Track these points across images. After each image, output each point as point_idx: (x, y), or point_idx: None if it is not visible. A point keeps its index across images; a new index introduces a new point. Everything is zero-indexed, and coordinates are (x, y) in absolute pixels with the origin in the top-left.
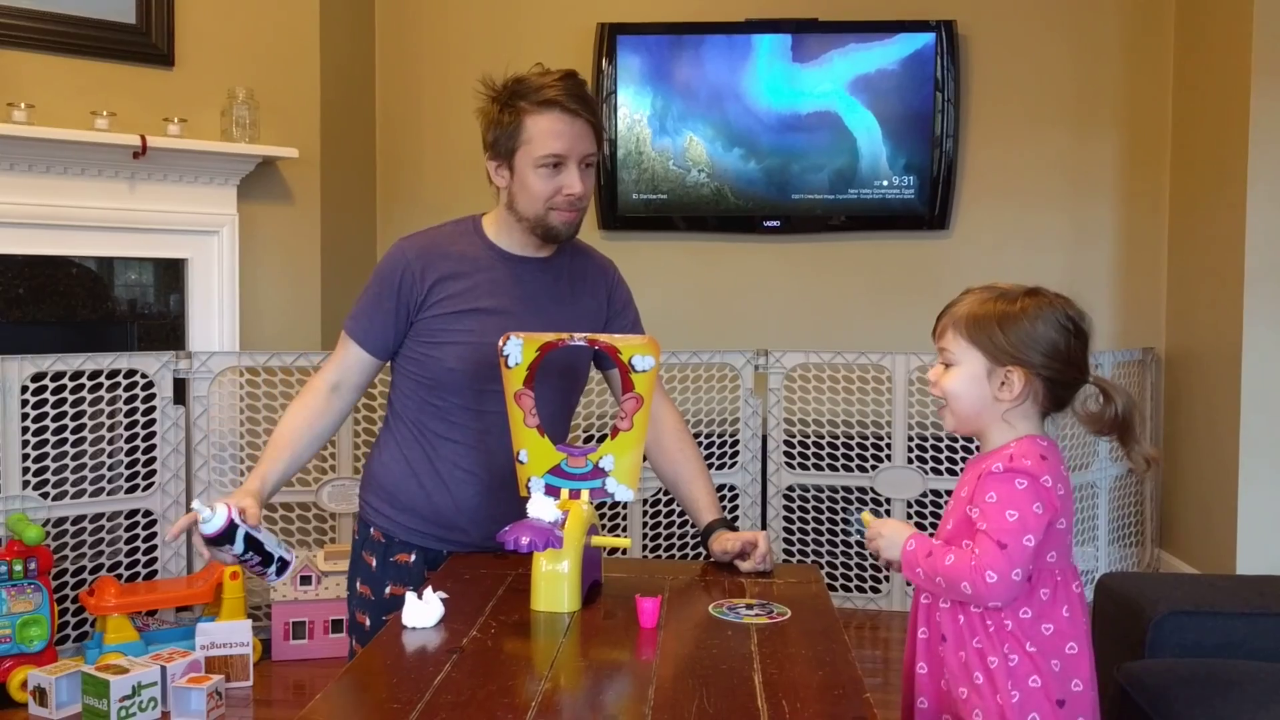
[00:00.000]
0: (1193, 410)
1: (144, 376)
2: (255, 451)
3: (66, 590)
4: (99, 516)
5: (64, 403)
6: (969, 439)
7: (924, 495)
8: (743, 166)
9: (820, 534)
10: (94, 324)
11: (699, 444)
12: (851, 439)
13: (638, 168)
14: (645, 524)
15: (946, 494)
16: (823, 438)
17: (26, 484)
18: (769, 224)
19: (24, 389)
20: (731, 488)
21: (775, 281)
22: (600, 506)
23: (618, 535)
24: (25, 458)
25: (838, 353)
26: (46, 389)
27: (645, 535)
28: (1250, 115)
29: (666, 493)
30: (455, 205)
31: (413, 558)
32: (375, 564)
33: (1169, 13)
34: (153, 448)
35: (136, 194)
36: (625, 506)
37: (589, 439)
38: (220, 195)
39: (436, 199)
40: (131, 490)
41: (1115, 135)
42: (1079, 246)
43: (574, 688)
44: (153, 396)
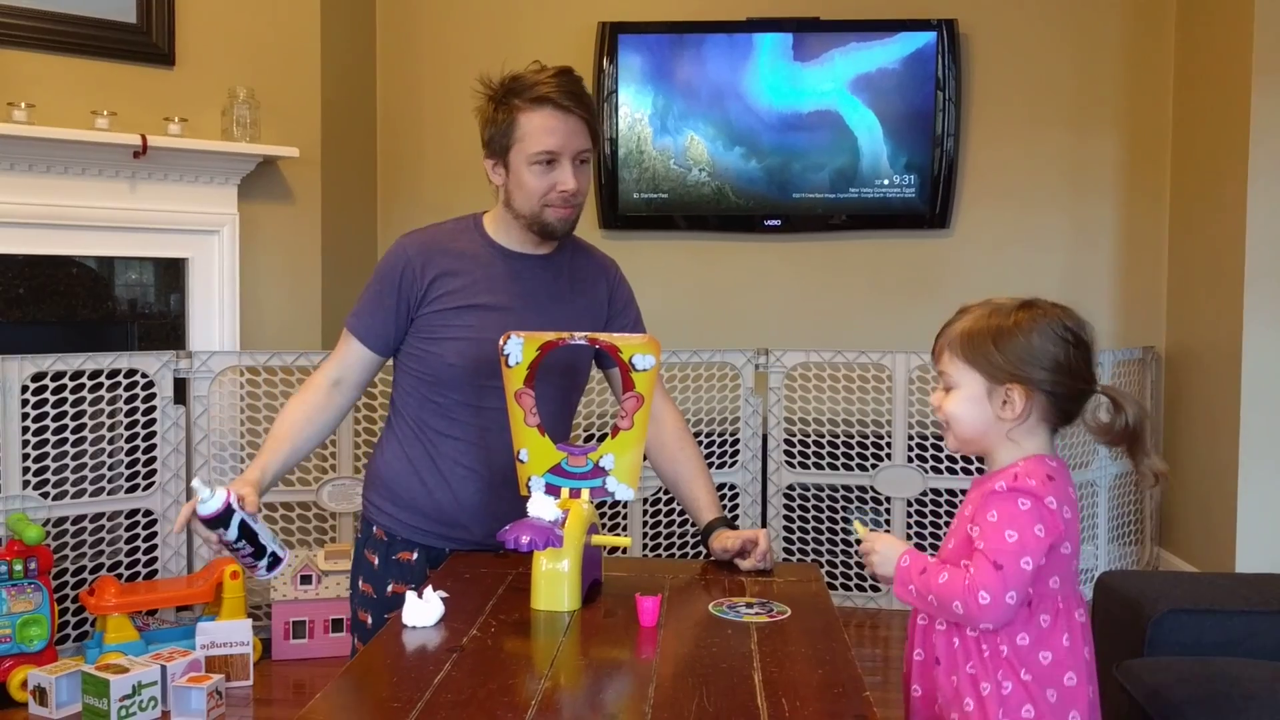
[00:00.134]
0: (1192, 409)
1: (144, 376)
2: (256, 451)
3: (67, 590)
4: (99, 516)
5: (64, 402)
6: None
7: (924, 494)
8: (744, 165)
9: (820, 533)
10: (94, 324)
11: (699, 443)
12: (852, 438)
13: (639, 167)
14: (645, 523)
15: (947, 493)
16: (823, 437)
17: (27, 484)
18: (770, 223)
19: (24, 389)
20: (732, 486)
21: (776, 281)
22: (600, 505)
23: (618, 534)
24: (25, 457)
25: (838, 352)
26: (47, 389)
27: (645, 534)
28: (1251, 114)
29: (666, 492)
30: (456, 205)
31: (415, 556)
32: (377, 562)
33: (1170, 12)
34: (153, 447)
35: (137, 194)
36: (625, 505)
37: (589, 438)
38: (221, 195)
39: (437, 198)
40: (132, 490)
41: (1116, 134)
42: (1079, 245)
43: (574, 686)
44: (153, 396)
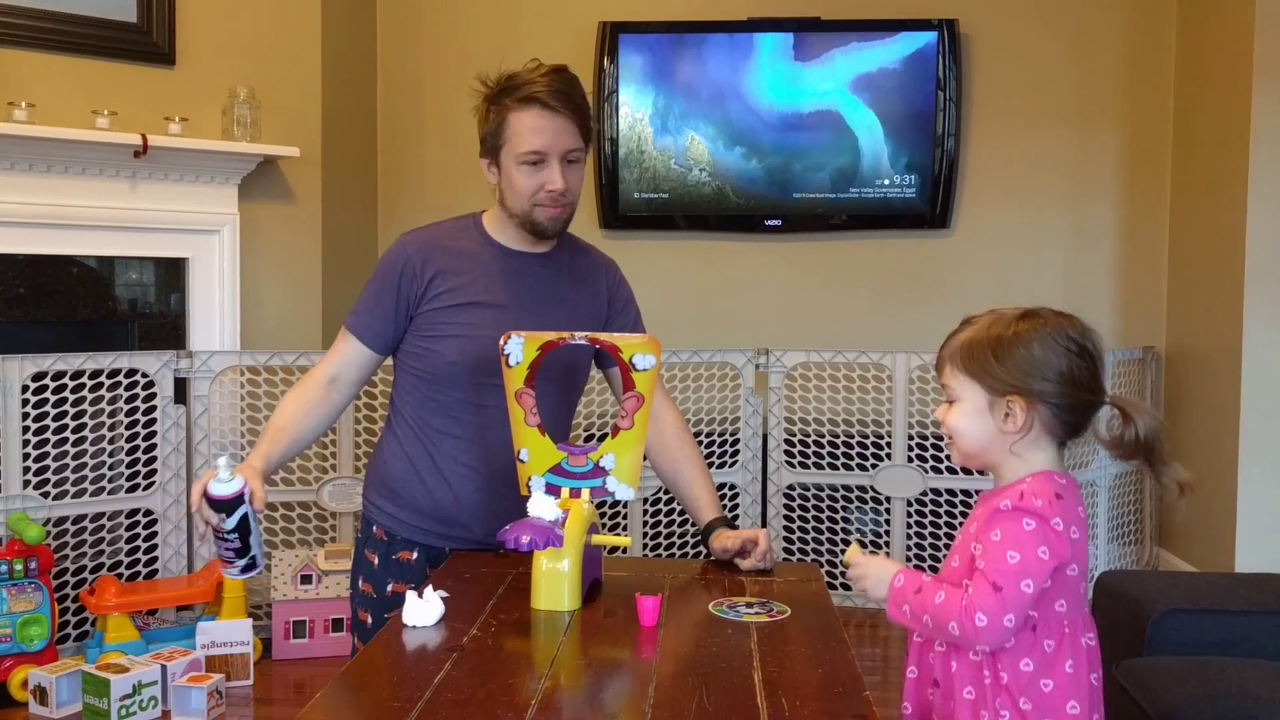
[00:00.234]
0: (1192, 409)
1: (145, 376)
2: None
3: (67, 589)
4: (99, 516)
5: (65, 402)
6: None
7: (924, 494)
8: (744, 165)
9: (820, 533)
10: (95, 323)
11: (699, 443)
12: (852, 438)
13: (639, 167)
14: (645, 523)
15: (947, 493)
16: (823, 436)
17: (27, 483)
18: (770, 223)
19: (25, 388)
20: (732, 486)
21: (776, 280)
22: (601, 505)
23: (618, 534)
24: (26, 457)
25: (838, 352)
26: (47, 388)
27: (645, 534)
28: (1251, 113)
29: (666, 492)
30: (456, 204)
31: (415, 555)
32: (377, 561)
33: (1170, 11)
34: (153, 447)
35: (137, 193)
36: (625, 505)
37: (590, 438)
38: (221, 194)
39: (438, 198)
40: (132, 490)
41: (1116, 134)
42: (1080, 245)
43: (574, 686)
44: (153, 396)
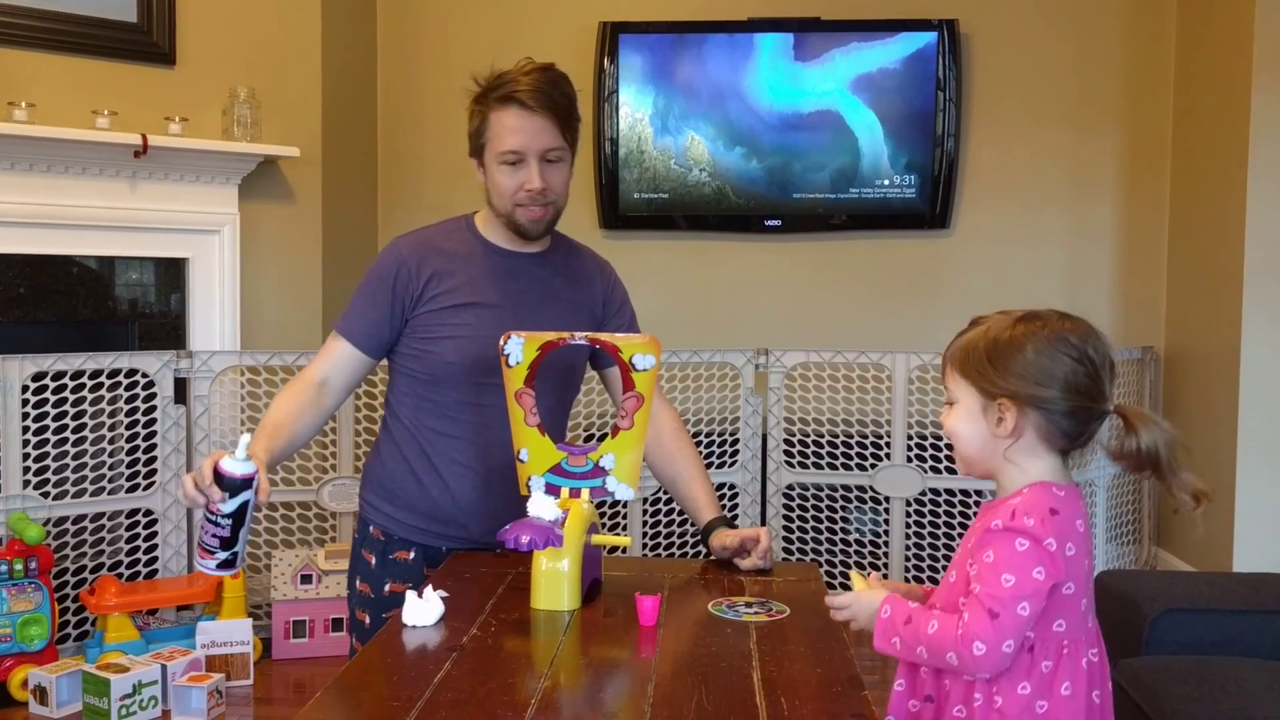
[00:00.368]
0: (1191, 409)
1: (145, 376)
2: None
3: (67, 589)
4: (99, 516)
5: (65, 402)
6: None
7: (923, 494)
8: (744, 165)
9: (820, 532)
10: (95, 323)
11: (699, 443)
12: (851, 438)
13: (639, 167)
14: (645, 523)
15: (946, 493)
16: (823, 436)
17: (27, 483)
18: (770, 223)
19: (24, 388)
20: (731, 486)
21: (776, 280)
22: (600, 505)
23: (618, 534)
24: (26, 457)
25: (838, 351)
26: (47, 388)
27: (645, 534)
28: (1251, 114)
29: (666, 491)
30: (457, 204)
31: (412, 555)
32: (374, 561)
33: (1170, 12)
34: (153, 447)
35: (137, 193)
36: (625, 505)
37: (589, 438)
38: (221, 194)
39: (438, 198)
40: (132, 490)
41: (1116, 134)
42: (1079, 245)
43: (574, 685)
44: (153, 396)
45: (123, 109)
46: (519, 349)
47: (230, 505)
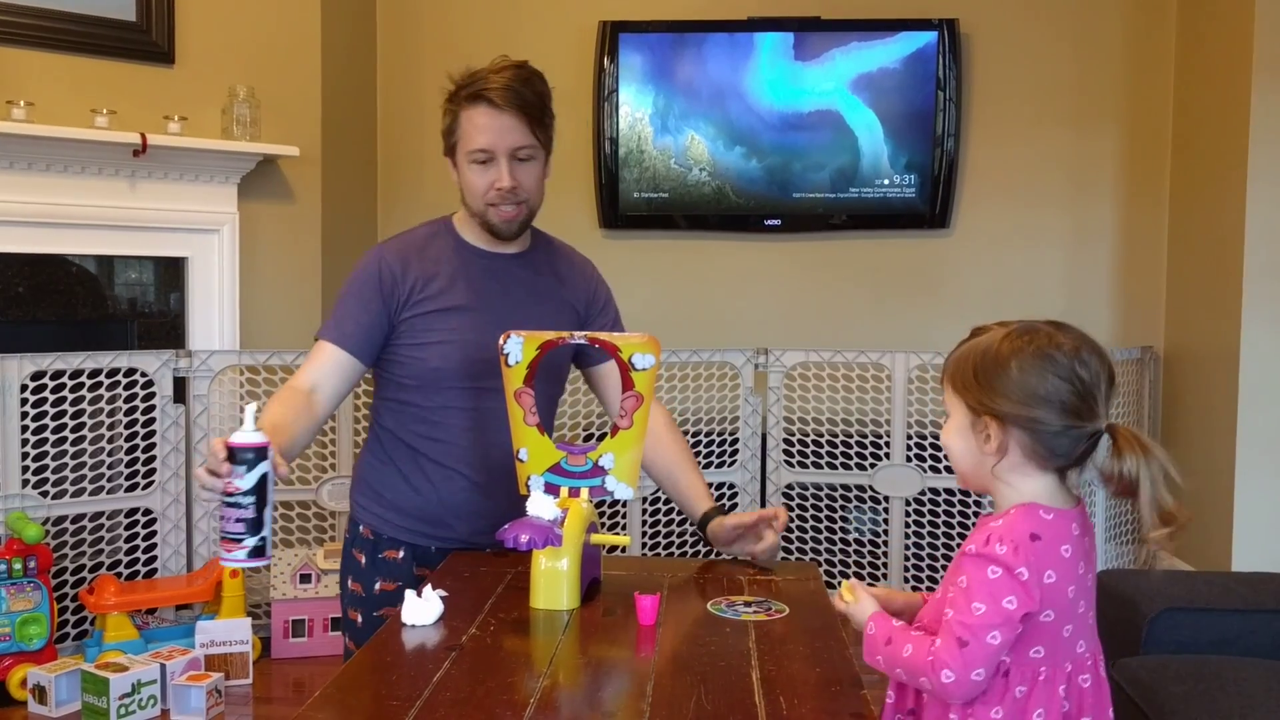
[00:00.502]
0: (1191, 408)
1: (144, 375)
2: None
3: (66, 589)
4: (99, 515)
5: (64, 401)
6: None
7: (922, 493)
8: (744, 165)
9: (819, 532)
10: (94, 323)
11: (699, 443)
12: (851, 437)
13: (639, 166)
14: (644, 522)
15: (945, 492)
16: (822, 436)
17: (26, 482)
18: (770, 223)
19: (24, 387)
20: (730, 486)
21: (776, 280)
22: (600, 504)
23: (617, 533)
24: (25, 456)
25: (838, 351)
26: (46, 387)
27: (644, 533)
28: (1251, 114)
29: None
30: (456, 204)
31: (401, 554)
32: (365, 560)
33: (1170, 11)
34: (152, 446)
35: (137, 192)
36: (624, 504)
37: (589, 437)
38: (221, 194)
39: (437, 198)
40: (131, 489)
41: (1116, 134)
42: (1079, 245)
43: (573, 685)
44: (153, 395)
45: (122, 108)
46: (519, 348)
47: (249, 480)
